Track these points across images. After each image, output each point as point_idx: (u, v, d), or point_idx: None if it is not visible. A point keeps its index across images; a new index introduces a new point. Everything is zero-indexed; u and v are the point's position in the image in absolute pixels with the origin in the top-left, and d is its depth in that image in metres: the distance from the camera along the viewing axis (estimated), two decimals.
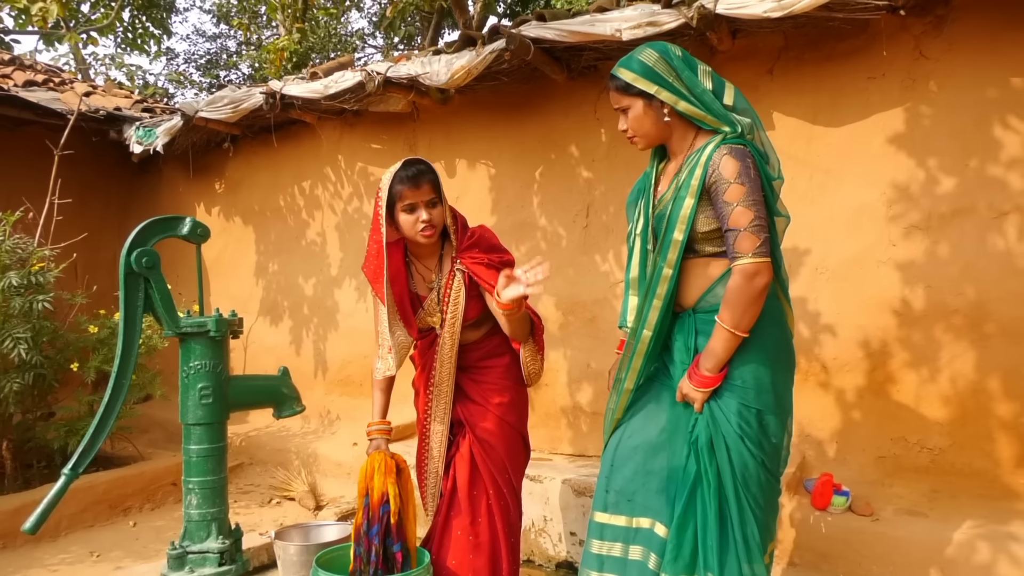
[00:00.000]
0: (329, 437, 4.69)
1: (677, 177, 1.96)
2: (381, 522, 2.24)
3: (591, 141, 3.91)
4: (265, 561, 3.18)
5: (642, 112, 1.98)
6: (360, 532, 2.27)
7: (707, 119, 1.93)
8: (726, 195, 1.84)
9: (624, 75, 1.96)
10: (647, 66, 1.94)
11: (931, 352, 3.00)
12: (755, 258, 1.81)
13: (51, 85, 5.67)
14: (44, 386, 4.02)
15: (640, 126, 2.00)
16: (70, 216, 4.63)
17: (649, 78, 1.93)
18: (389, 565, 2.26)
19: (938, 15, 3.00)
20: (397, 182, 2.28)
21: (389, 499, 2.30)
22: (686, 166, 1.95)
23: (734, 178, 1.83)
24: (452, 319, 2.37)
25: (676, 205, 1.92)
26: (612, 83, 2.01)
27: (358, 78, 4.04)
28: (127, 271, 2.06)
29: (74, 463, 2.02)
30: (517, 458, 2.50)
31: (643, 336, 1.99)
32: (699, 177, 1.87)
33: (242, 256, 5.57)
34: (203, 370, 2.12)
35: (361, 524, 2.29)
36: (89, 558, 3.43)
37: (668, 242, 1.92)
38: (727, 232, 1.85)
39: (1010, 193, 2.86)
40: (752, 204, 1.83)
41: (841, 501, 2.86)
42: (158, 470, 4.23)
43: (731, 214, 1.83)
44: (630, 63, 1.96)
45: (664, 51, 1.96)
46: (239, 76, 15.12)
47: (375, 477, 2.29)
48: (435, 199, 2.28)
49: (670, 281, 1.93)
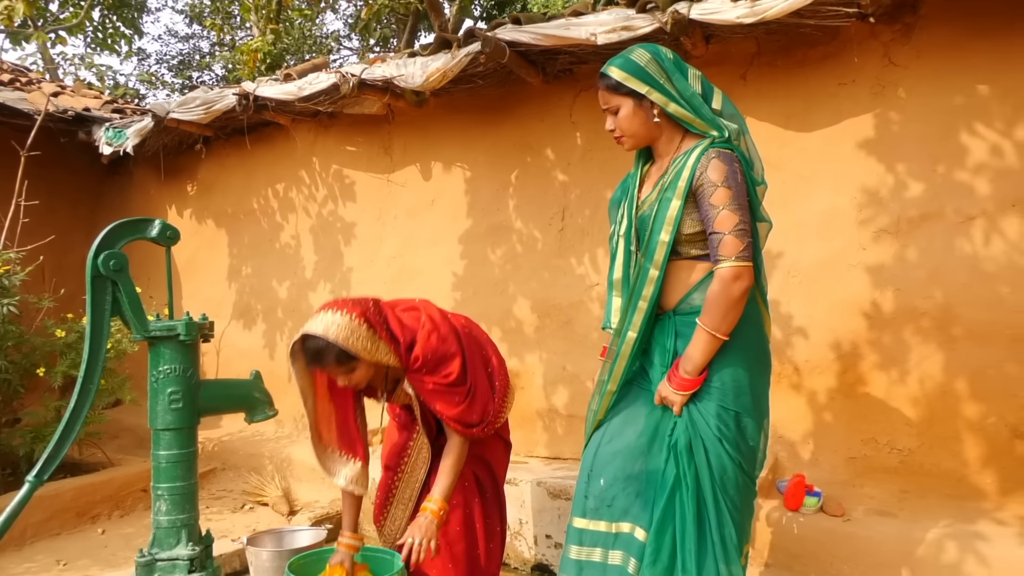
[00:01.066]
0: (303, 441, 4.64)
1: (663, 179, 1.97)
2: None
3: (567, 144, 3.92)
4: (237, 568, 3.15)
5: (631, 112, 1.98)
6: None
7: (696, 122, 1.94)
8: (712, 198, 1.85)
9: (615, 74, 1.96)
10: (639, 66, 1.94)
11: (900, 354, 3.05)
12: (737, 262, 1.83)
13: (17, 85, 5.57)
14: (9, 391, 3.93)
15: (629, 126, 1.99)
16: (37, 218, 4.54)
17: (640, 78, 1.93)
18: None
19: (906, 23, 3.06)
20: (301, 363, 2.16)
21: None
22: (672, 168, 1.96)
23: (721, 181, 1.85)
24: (424, 427, 2.34)
25: (662, 206, 1.92)
26: (602, 82, 2.00)
27: (333, 80, 4.01)
28: (94, 274, 2.03)
29: (39, 470, 1.97)
30: (498, 457, 2.50)
31: (628, 338, 1.99)
32: (686, 179, 1.88)
33: (215, 259, 5.50)
34: (173, 374, 2.09)
35: None
36: (56, 567, 3.36)
37: (654, 243, 1.93)
38: (711, 235, 1.86)
39: (977, 198, 2.91)
40: (737, 208, 1.84)
41: (813, 502, 2.89)
42: (128, 476, 4.15)
43: (716, 217, 1.84)
44: (622, 62, 1.96)
45: (656, 52, 1.97)
46: (212, 77, 14.96)
47: None
48: (349, 368, 2.10)
49: (656, 282, 1.93)
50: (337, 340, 2.01)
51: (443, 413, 2.20)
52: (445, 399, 2.19)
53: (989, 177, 2.90)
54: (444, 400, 2.19)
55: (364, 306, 2.13)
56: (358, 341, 2.03)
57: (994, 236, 2.88)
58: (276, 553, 2.72)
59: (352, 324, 2.04)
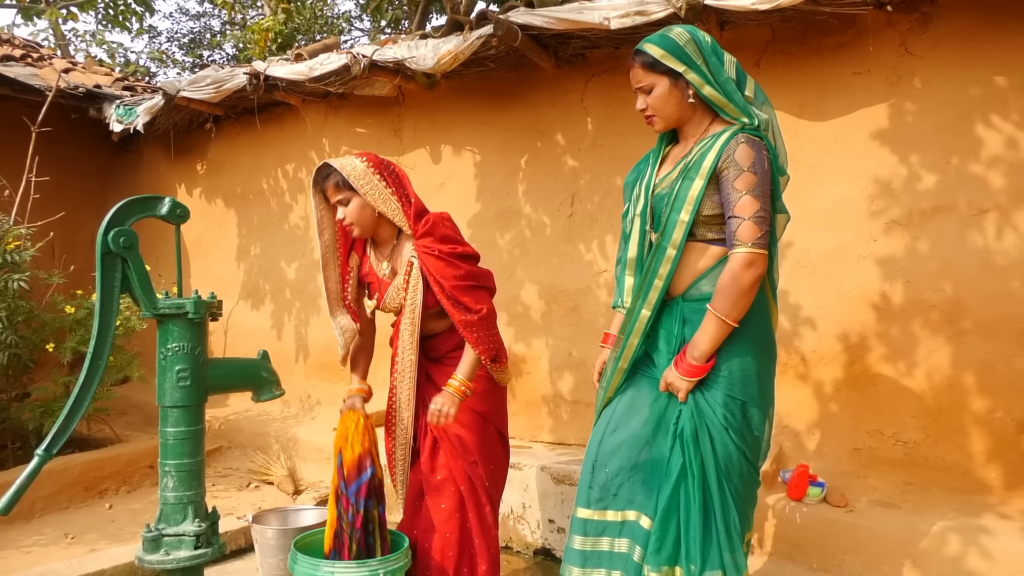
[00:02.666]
0: (309, 422, 4.68)
1: (686, 159, 1.95)
2: (360, 482, 2.24)
3: (577, 130, 3.90)
4: (243, 545, 3.18)
5: (667, 91, 1.95)
6: (339, 492, 2.29)
7: (728, 107, 1.93)
8: (736, 182, 1.84)
9: (653, 51, 1.92)
10: (678, 45, 1.91)
11: (908, 347, 3.03)
12: (754, 248, 1.82)
13: (29, 60, 5.57)
14: (19, 366, 3.96)
15: (664, 106, 1.97)
16: (47, 195, 4.56)
17: (678, 57, 1.91)
18: (371, 528, 2.26)
19: (924, 12, 3.02)
20: (314, 186, 2.44)
21: (373, 459, 2.32)
22: (697, 149, 1.94)
23: (748, 167, 1.84)
24: (411, 306, 2.39)
25: (684, 185, 1.91)
26: (637, 59, 1.96)
27: (343, 61, 4.00)
28: (104, 251, 2.03)
29: (48, 443, 1.99)
30: (491, 450, 2.48)
31: (641, 315, 1.99)
32: (711, 160, 1.87)
33: (224, 238, 5.51)
34: (181, 352, 2.10)
35: (339, 484, 2.30)
36: (63, 540, 3.40)
37: (673, 222, 1.91)
38: (731, 218, 1.85)
39: (990, 191, 2.89)
40: (760, 195, 1.84)
41: (816, 492, 2.89)
42: (135, 452, 4.19)
43: (738, 201, 1.84)
44: (660, 40, 1.93)
45: (694, 33, 1.94)
46: (223, 56, 14.91)
47: (351, 435, 2.33)
48: (344, 197, 2.35)
49: (673, 261, 1.92)
50: (342, 169, 2.32)
51: (444, 276, 2.30)
52: (448, 265, 2.31)
53: (1003, 170, 2.87)
54: (446, 266, 2.31)
55: (380, 162, 2.39)
56: (360, 177, 2.32)
57: (1007, 230, 2.86)
58: (281, 531, 2.74)
59: (360, 165, 2.35)
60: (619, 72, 3.75)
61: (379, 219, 2.40)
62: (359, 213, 2.36)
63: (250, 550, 2.99)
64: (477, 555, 2.37)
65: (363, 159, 2.37)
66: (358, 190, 2.32)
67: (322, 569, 2.23)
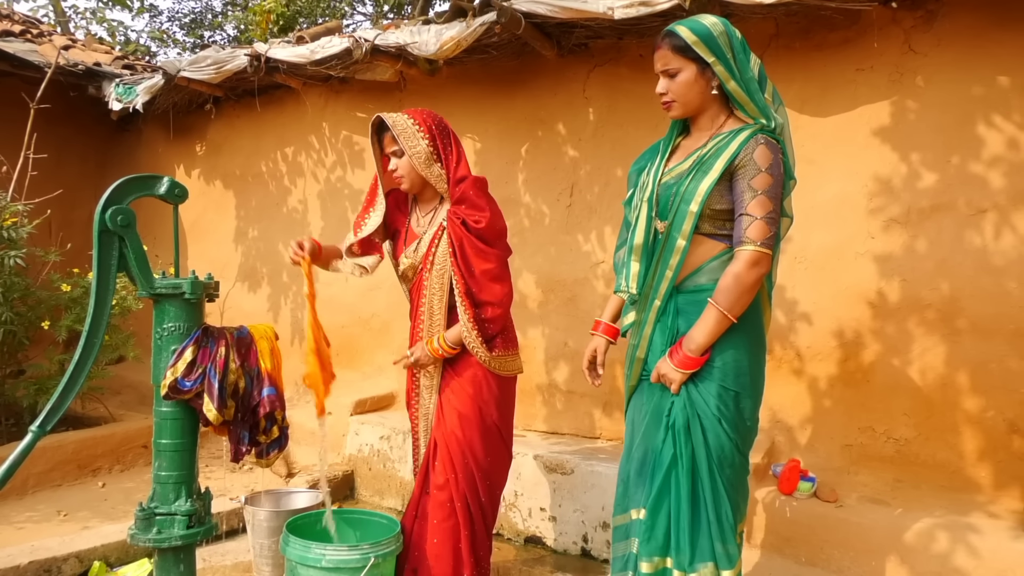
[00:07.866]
0: (304, 405, 4.67)
1: (700, 151, 1.95)
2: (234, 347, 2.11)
3: (579, 120, 3.89)
4: (235, 526, 3.19)
5: (693, 79, 1.93)
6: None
7: (748, 106, 1.93)
8: (753, 181, 1.85)
9: (687, 35, 1.89)
10: (712, 34, 1.89)
11: (903, 344, 3.04)
12: (761, 248, 1.84)
13: (28, 36, 5.52)
14: (14, 343, 3.96)
15: (686, 92, 1.95)
16: (45, 172, 4.54)
17: (710, 46, 1.89)
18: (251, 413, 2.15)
19: (929, 10, 3.01)
20: (373, 135, 2.52)
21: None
22: (713, 143, 1.93)
23: (765, 167, 1.85)
24: (440, 269, 2.43)
25: (696, 177, 1.91)
26: (667, 41, 1.93)
27: (345, 44, 3.97)
28: (101, 228, 2.02)
29: (42, 420, 1.99)
30: (492, 451, 2.49)
31: (655, 305, 2.00)
32: (727, 157, 1.87)
33: (221, 220, 5.50)
34: (177, 332, 2.09)
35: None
36: (56, 517, 3.41)
37: (683, 213, 1.92)
38: (741, 216, 1.86)
39: (989, 191, 2.89)
40: (773, 197, 1.85)
41: (807, 487, 2.90)
42: (129, 432, 4.20)
43: (752, 200, 1.85)
44: (695, 26, 1.90)
45: (727, 26, 1.93)
46: (224, 37, 14.81)
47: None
48: (397, 150, 2.41)
49: (682, 252, 1.93)
50: (394, 125, 2.38)
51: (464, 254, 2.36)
52: (472, 246, 2.36)
53: (1004, 170, 2.87)
54: (471, 247, 2.36)
55: (432, 123, 2.42)
56: (407, 137, 2.37)
57: (1005, 230, 2.87)
58: (274, 513, 2.75)
59: (410, 124, 2.39)
60: (622, 63, 3.74)
61: (424, 178, 2.44)
62: (407, 168, 2.42)
63: (243, 531, 3.00)
64: (466, 554, 2.40)
65: (412, 119, 2.40)
66: (407, 150, 2.38)
67: (314, 551, 2.25)
